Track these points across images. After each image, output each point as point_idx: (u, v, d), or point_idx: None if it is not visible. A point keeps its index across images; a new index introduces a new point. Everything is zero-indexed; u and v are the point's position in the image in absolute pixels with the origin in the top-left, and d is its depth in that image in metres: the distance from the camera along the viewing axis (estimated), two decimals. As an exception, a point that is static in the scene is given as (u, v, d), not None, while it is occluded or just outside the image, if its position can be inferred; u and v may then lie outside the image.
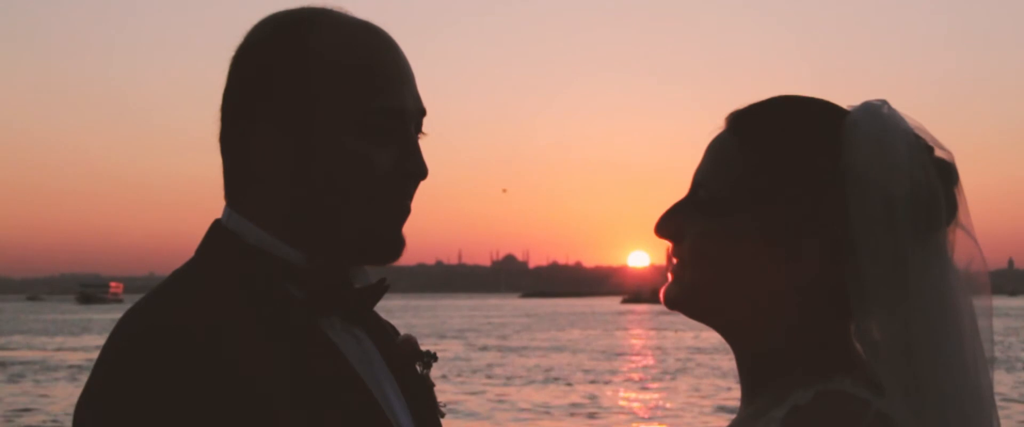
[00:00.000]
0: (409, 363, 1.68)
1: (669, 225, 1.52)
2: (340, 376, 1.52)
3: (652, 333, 64.65)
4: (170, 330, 1.42)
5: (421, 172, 1.58)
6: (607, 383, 31.89)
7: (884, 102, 1.48)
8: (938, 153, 1.47)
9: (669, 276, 1.54)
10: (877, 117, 1.46)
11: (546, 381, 31.93)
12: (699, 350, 45.79)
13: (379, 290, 1.63)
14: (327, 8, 1.60)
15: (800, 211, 1.45)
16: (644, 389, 30.46)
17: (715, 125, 1.54)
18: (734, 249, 1.47)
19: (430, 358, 1.71)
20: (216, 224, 1.60)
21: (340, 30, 1.58)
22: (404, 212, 1.59)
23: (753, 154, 1.48)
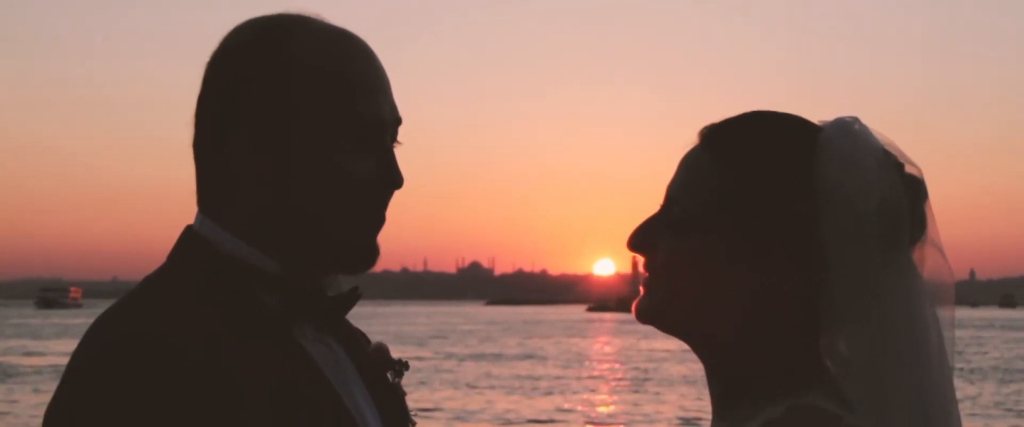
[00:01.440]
0: (381, 371, 1.68)
1: (642, 239, 1.53)
2: (313, 384, 1.51)
3: (617, 341, 64.75)
4: (144, 338, 1.40)
5: (397, 181, 1.58)
6: (572, 391, 31.89)
7: (856, 119, 1.49)
8: (908, 169, 1.48)
9: (641, 289, 1.54)
10: (849, 134, 1.47)
11: (511, 390, 31.90)
12: (664, 359, 45.87)
13: (352, 298, 1.62)
14: (304, 15, 1.60)
15: (772, 227, 1.46)
16: (609, 397, 30.48)
17: (688, 139, 1.55)
18: (706, 265, 1.48)
19: (402, 366, 1.71)
20: (188, 230, 1.59)
21: (318, 38, 1.57)
22: (379, 221, 1.59)
23: (726, 170, 1.49)
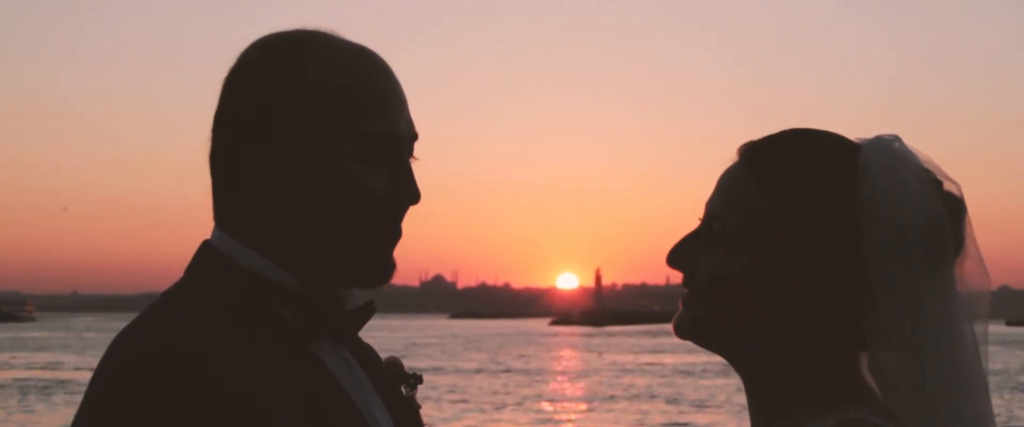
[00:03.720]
0: (395, 385, 1.70)
1: (681, 255, 1.54)
2: (334, 399, 1.53)
3: (580, 355, 64.75)
4: (166, 353, 1.41)
5: (414, 197, 1.59)
6: (537, 405, 31.85)
7: (896, 137, 1.51)
8: (947, 186, 1.50)
9: (680, 305, 1.55)
10: (889, 152, 1.49)
11: (477, 404, 31.82)
12: (626, 372, 45.92)
13: (367, 312, 1.63)
14: (321, 31, 1.61)
15: (815, 245, 1.47)
16: (572, 410, 30.45)
17: (727, 156, 1.57)
18: (748, 282, 1.49)
19: (416, 380, 1.73)
20: (205, 245, 1.60)
21: (336, 54, 1.58)
22: (396, 235, 1.60)
23: (767, 187, 1.50)
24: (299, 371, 1.50)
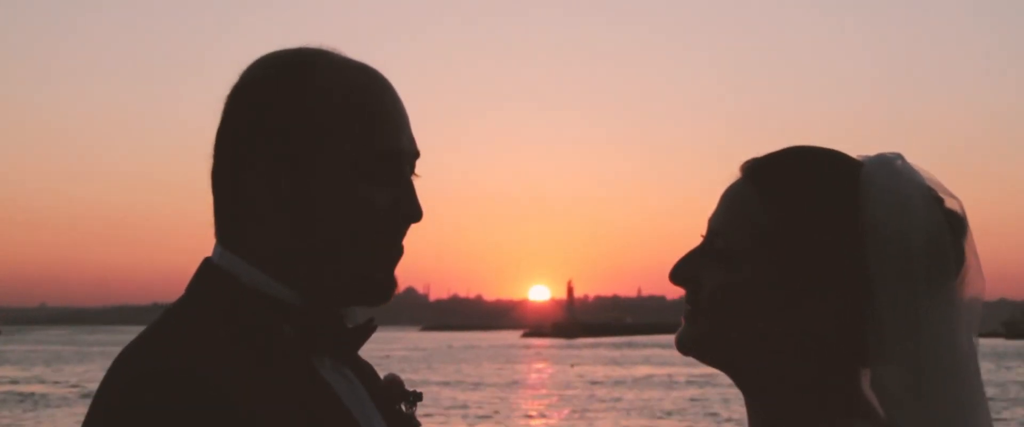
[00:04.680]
0: (395, 402, 1.70)
1: (684, 272, 1.55)
2: (336, 416, 1.53)
3: (552, 367, 64.77)
4: (170, 373, 1.41)
5: (417, 214, 1.59)
6: (509, 417, 31.82)
7: (898, 155, 1.52)
8: (948, 204, 1.51)
9: (682, 321, 1.56)
10: (892, 169, 1.50)
11: (447, 417, 31.76)
12: (598, 384, 45.97)
13: (368, 330, 1.64)
14: (323, 49, 1.61)
15: (817, 261, 1.48)
16: (543, 423, 30.44)
17: (730, 172, 1.58)
18: (750, 298, 1.50)
19: (415, 397, 1.72)
20: (207, 262, 1.59)
21: (340, 72, 1.58)
22: (398, 253, 1.60)
23: (771, 204, 1.51)
24: (301, 388, 1.50)
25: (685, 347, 1.55)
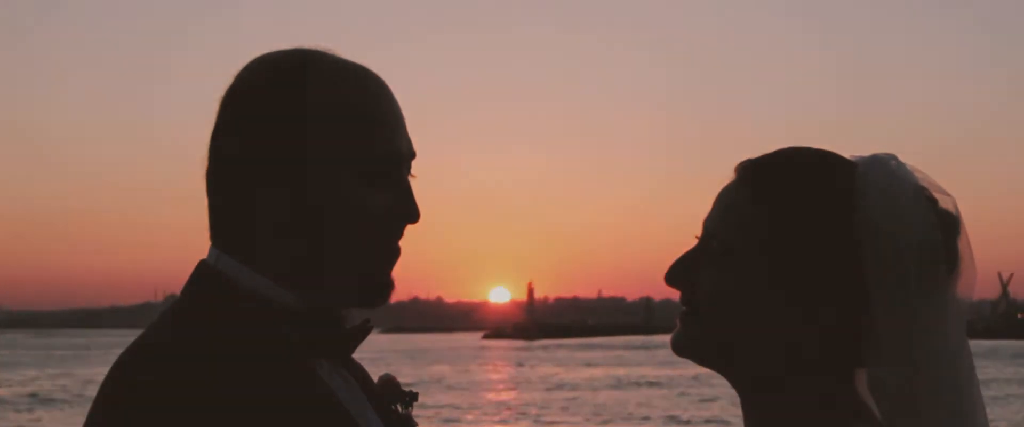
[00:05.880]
0: (391, 402, 1.70)
1: (679, 273, 1.55)
2: (333, 415, 1.53)
3: (513, 369, 64.79)
4: (169, 376, 1.42)
5: (414, 216, 1.60)
6: (470, 420, 31.79)
7: (892, 156, 1.53)
8: (942, 203, 1.52)
9: (677, 322, 1.56)
10: (886, 170, 1.51)
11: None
12: (559, 386, 46.02)
13: (364, 331, 1.64)
14: (319, 50, 1.60)
15: (812, 262, 1.49)
16: (505, 424, 30.44)
17: (723, 174, 1.58)
18: (745, 299, 1.50)
19: (411, 398, 1.73)
20: (202, 265, 1.59)
21: (337, 74, 1.58)
22: (395, 255, 1.60)
23: (765, 205, 1.52)
24: (301, 390, 1.50)
25: (680, 349, 1.55)
